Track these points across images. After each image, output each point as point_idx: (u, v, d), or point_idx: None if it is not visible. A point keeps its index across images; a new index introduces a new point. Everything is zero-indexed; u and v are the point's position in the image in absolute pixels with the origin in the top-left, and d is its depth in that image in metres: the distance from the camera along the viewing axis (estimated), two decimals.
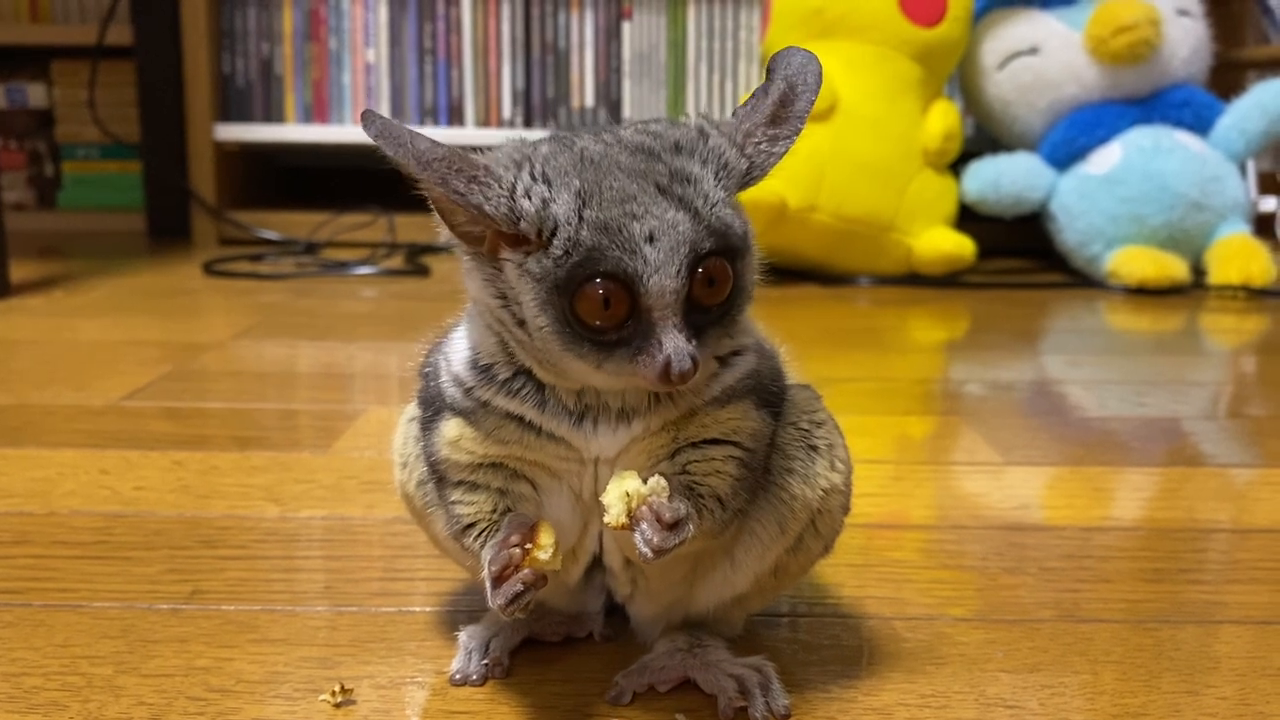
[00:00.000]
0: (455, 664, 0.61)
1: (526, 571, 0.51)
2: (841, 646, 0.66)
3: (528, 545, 0.52)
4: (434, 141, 0.49)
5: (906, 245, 2.05)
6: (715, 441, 0.55)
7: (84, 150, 2.76)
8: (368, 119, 0.49)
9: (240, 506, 0.88)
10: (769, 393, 0.57)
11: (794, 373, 0.62)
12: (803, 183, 1.97)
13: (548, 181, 0.49)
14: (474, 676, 0.61)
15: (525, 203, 0.49)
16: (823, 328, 1.71)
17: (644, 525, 0.50)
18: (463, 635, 0.63)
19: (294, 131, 2.51)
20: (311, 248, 2.36)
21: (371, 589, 0.73)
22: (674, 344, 0.49)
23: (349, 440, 1.06)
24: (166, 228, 2.56)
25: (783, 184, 1.95)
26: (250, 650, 0.64)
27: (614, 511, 0.51)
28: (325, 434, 1.08)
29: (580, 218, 0.49)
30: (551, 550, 0.52)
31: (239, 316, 1.70)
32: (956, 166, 2.15)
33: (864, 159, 2.01)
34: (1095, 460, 1.06)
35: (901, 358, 1.60)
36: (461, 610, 0.69)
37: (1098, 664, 0.64)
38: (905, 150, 2.05)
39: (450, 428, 0.56)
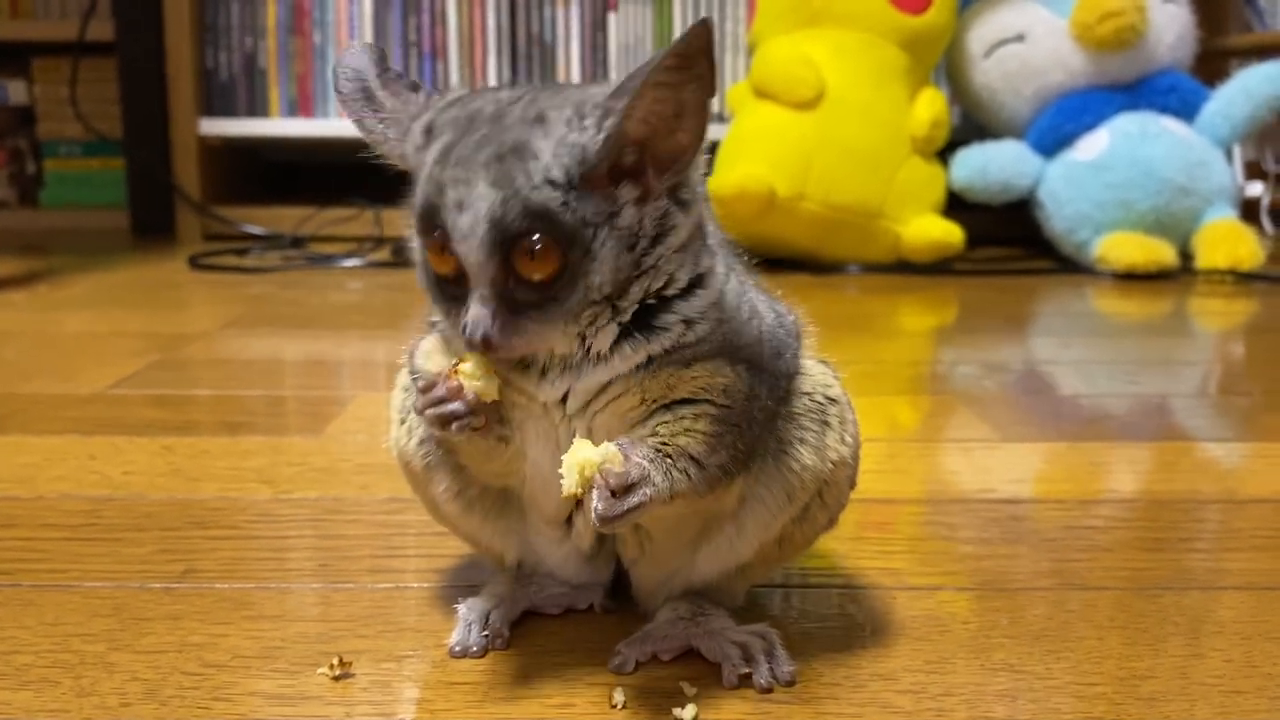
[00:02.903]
0: (455, 636, 0.61)
1: (454, 382, 0.52)
2: (845, 616, 0.65)
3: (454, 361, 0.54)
4: (363, 82, 0.55)
5: (895, 233, 2.05)
6: (685, 401, 0.54)
7: (66, 147, 2.73)
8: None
9: (232, 489, 0.87)
10: (749, 352, 0.56)
11: (811, 347, 0.63)
12: (791, 171, 1.97)
13: (429, 132, 0.53)
14: (474, 648, 0.60)
15: (409, 148, 0.54)
16: (812, 315, 1.69)
17: (594, 492, 0.50)
18: (462, 608, 0.62)
19: (279, 126, 2.49)
20: (297, 242, 2.35)
21: (366, 566, 0.72)
22: (474, 312, 0.51)
23: (341, 424, 1.05)
24: (150, 224, 2.53)
25: (771, 172, 1.94)
26: (245, 626, 0.63)
27: (568, 481, 0.51)
28: (316, 419, 1.07)
29: (430, 173, 0.51)
30: (477, 366, 0.53)
31: (225, 308, 1.68)
32: (944, 154, 2.15)
33: (852, 147, 2.00)
34: (1090, 436, 1.05)
35: (892, 343, 1.60)
36: (459, 585, 0.68)
37: (1102, 629, 0.64)
38: (893, 138, 2.05)
39: (427, 342, 0.58)
